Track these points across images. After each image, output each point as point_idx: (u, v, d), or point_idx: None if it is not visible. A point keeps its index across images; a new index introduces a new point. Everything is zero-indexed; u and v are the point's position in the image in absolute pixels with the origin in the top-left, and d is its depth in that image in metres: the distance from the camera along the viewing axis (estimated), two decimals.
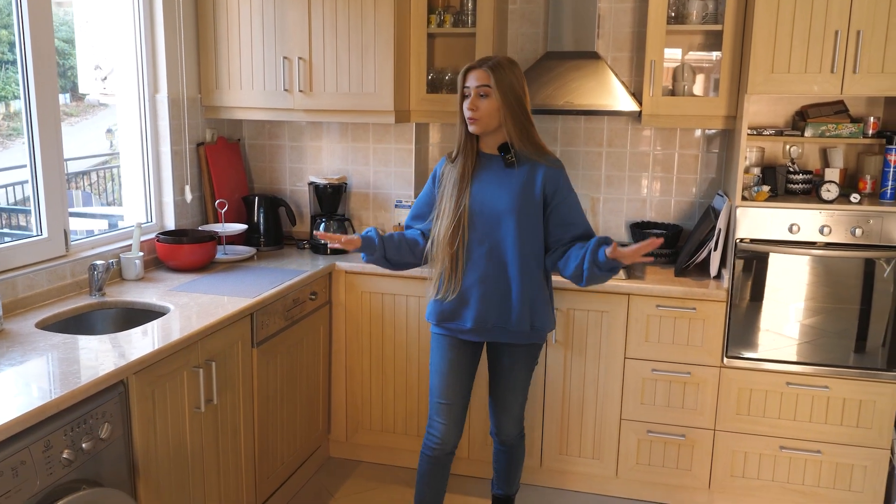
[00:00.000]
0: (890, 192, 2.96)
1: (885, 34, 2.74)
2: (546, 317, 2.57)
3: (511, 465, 2.84)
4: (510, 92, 2.41)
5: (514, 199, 2.46)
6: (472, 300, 2.52)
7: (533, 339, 2.60)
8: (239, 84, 3.46)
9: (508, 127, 2.44)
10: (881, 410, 2.94)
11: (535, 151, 2.48)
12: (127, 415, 2.08)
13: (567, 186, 2.51)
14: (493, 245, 2.49)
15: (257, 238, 3.63)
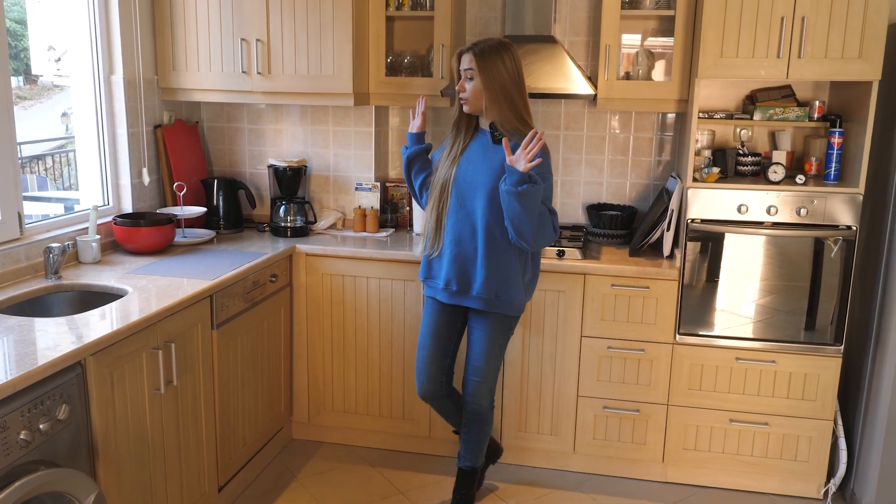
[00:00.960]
0: (833, 174, 3.06)
1: (828, 21, 2.83)
2: (514, 290, 2.70)
3: (480, 435, 2.91)
4: (494, 76, 2.57)
5: (490, 173, 2.62)
6: (445, 260, 2.74)
7: (498, 308, 2.70)
8: (196, 66, 3.44)
9: (489, 109, 2.61)
10: (825, 383, 3.06)
11: (518, 133, 2.59)
12: (85, 396, 2.09)
13: (542, 167, 2.55)
14: (467, 213, 2.68)
15: (217, 221, 3.62)
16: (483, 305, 2.72)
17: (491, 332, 2.76)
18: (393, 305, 3.32)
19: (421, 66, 3.58)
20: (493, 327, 2.75)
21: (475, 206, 2.66)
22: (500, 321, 2.75)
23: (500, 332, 2.77)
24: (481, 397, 2.83)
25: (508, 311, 2.74)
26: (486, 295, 2.69)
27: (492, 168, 2.64)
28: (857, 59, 2.84)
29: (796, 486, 3.19)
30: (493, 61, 2.58)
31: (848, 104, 3.10)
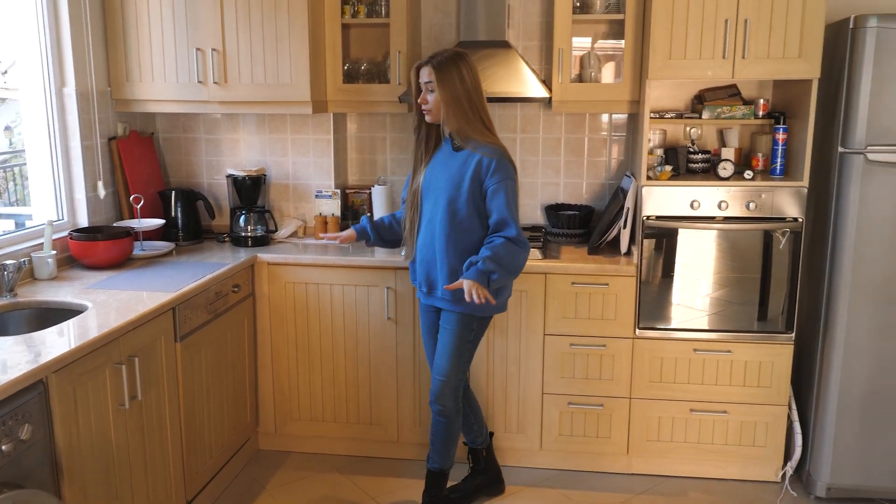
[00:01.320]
0: (779, 168, 3.18)
1: (769, 23, 2.94)
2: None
3: (447, 438, 2.92)
4: (451, 88, 2.65)
5: (449, 180, 2.72)
6: (417, 264, 2.86)
7: (463, 307, 2.74)
8: (151, 76, 3.42)
9: (446, 119, 2.68)
10: (779, 370, 3.17)
11: (474, 141, 2.68)
12: (48, 415, 2.06)
13: (499, 172, 2.66)
14: (430, 218, 2.78)
15: (175, 233, 3.60)
16: (448, 305, 2.78)
17: (452, 331, 2.80)
18: (357, 311, 3.33)
19: (378, 73, 3.61)
20: (455, 326, 2.80)
21: (436, 211, 2.75)
22: (462, 320, 2.79)
23: (461, 331, 2.80)
24: (444, 397, 2.85)
25: (472, 311, 2.77)
26: (449, 296, 2.74)
27: (450, 175, 2.72)
28: (798, 59, 2.95)
29: (755, 470, 3.29)
30: (450, 73, 2.65)
31: (790, 101, 3.22)
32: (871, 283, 2.94)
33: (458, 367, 2.85)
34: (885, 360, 2.98)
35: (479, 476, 3.17)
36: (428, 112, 2.72)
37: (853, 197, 2.91)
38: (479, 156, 2.67)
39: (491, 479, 3.19)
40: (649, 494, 3.22)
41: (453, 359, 2.83)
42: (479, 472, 3.17)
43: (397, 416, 3.41)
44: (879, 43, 2.77)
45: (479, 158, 2.67)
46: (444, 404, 2.86)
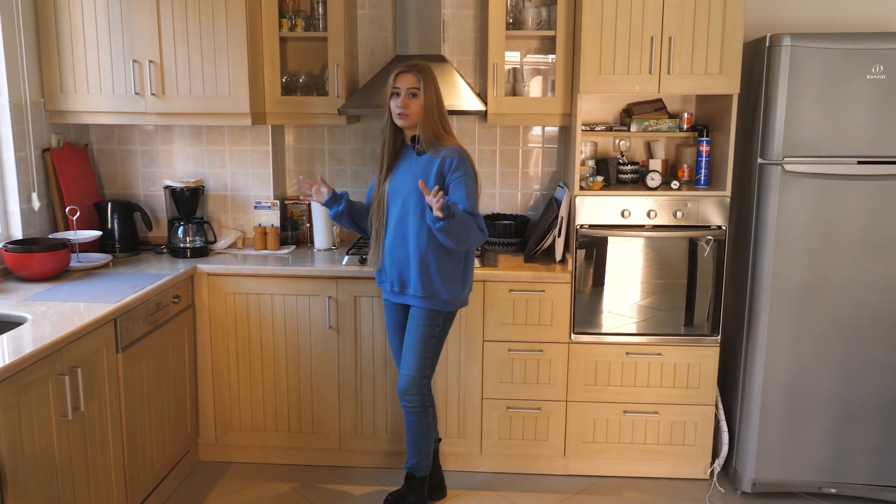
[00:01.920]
0: (703, 179, 3.36)
1: (691, 41, 3.12)
2: (447, 286, 2.88)
3: (417, 436, 3.01)
4: (432, 95, 2.83)
5: (415, 181, 2.82)
6: (385, 266, 2.95)
7: (433, 304, 2.88)
8: (86, 88, 3.39)
9: (425, 122, 2.82)
10: (706, 371, 3.33)
11: (439, 144, 2.84)
12: None
13: (460, 169, 2.82)
14: (400, 220, 2.88)
15: (112, 245, 3.56)
16: (420, 303, 2.90)
17: (418, 326, 2.91)
18: (298, 321, 3.36)
19: (316, 86, 3.66)
20: (421, 321, 2.91)
21: (405, 212, 2.87)
22: (428, 315, 2.91)
23: (426, 325, 2.91)
24: (409, 391, 2.94)
25: (440, 307, 2.90)
26: (421, 293, 2.88)
27: (415, 177, 2.84)
28: (719, 75, 3.13)
29: (685, 468, 3.44)
30: (430, 81, 2.83)
31: (713, 115, 3.40)
32: (789, 286, 3.12)
33: (423, 361, 2.93)
34: (804, 359, 3.17)
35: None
36: (405, 117, 2.82)
37: (772, 205, 3.09)
38: (444, 153, 2.83)
39: (433, 485, 3.24)
40: (585, 494, 3.33)
41: (418, 353, 2.92)
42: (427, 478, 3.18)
43: (339, 423, 3.44)
44: (793, 60, 2.97)
45: (442, 157, 2.83)
46: (411, 398, 2.95)
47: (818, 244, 3.08)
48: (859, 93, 2.96)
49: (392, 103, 2.85)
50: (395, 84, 2.84)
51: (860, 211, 3.04)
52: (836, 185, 3.03)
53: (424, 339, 2.93)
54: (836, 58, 2.94)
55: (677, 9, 3.09)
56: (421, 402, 2.97)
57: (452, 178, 2.81)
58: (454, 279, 2.91)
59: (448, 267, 2.89)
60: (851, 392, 3.16)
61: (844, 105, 2.98)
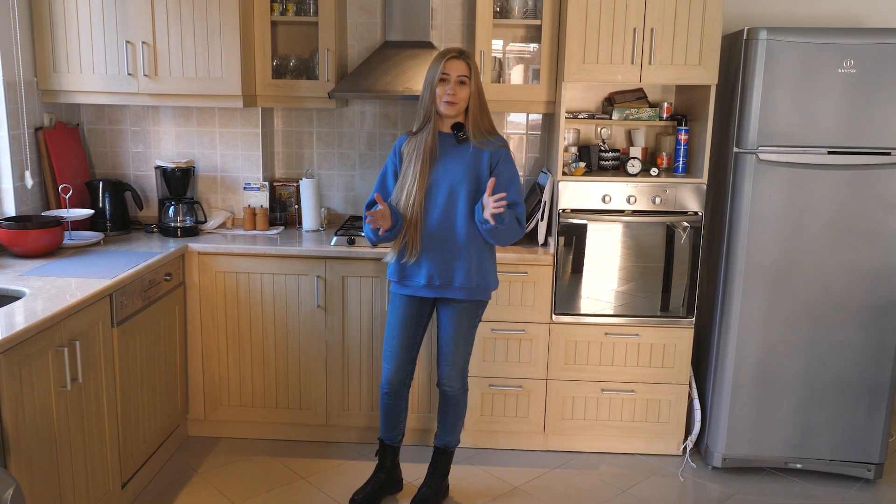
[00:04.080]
0: (681, 167, 3.48)
1: (672, 32, 3.22)
2: (489, 276, 2.96)
3: (454, 416, 3.09)
4: (478, 82, 2.84)
5: (465, 171, 2.84)
6: (424, 259, 2.88)
7: (477, 296, 2.93)
8: (79, 68, 3.43)
9: (475, 110, 2.83)
10: (680, 351, 3.46)
11: (488, 131, 2.88)
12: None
13: (508, 161, 2.87)
14: (445, 210, 2.85)
15: (103, 223, 3.61)
16: (466, 295, 2.91)
17: (461, 319, 2.94)
18: (287, 300, 3.44)
19: (306, 69, 3.72)
20: (464, 314, 2.94)
21: (456, 202, 2.84)
22: (470, 308, 2.95)
23: (469, 318, 2.96)
24: (453, 380, 3.01)
25: (484, 298, 2.98)
26: (468, 285, 2.89)
27: (464, 165, 2.84)
28: (698, 66, 3.25)
29: (659, 445, 3.58)
30: (476, 69, 2.84)
31: (691, 105, 3.52)
32: (761, 271, 3.26)
33: (466, 351, 3.02)
34: (773, 340, 3.31)
35: (382, 474, 3.16)
36: (453, 105, 2.79)
37: (746, 193, 3.22)
38: (492, 143, 2.85)
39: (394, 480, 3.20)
40: (564, 469, 3.45)
41: (463, 345, 2.98)
42: (386, 469, 3.17)
43: (326, 400, 3.54)
44: (769, 53, 3.09)
45: (488, 148, 2.84)
46: (453, 385, 3.02)
47: (790, 230, 3.21)
48: (831, 85, 3.09)
49: (439, 89, 2.79)
50: (444, 70, 2.78)
51: (830, 199, 3.18)
52: (808, 174, 3.16)
53: (470, 331, 2.98)
54: (809, 52, 3.07)
55: (659, 1, 3.20)
56: (464, 387, 3.06)
57: (502, 171, 2.83)
58: (494, 268, 3.00)
59: (493, 257, 2.99)
60: (818, 371, 3.31)
61: (817, 97, 3.11)
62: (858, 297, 3.23)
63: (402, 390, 3.07)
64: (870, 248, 3.19)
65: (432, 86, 2.81)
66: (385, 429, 3.14)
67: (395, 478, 3.22)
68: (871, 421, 3.32)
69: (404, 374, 3.05)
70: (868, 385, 3.29)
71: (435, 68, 2.80)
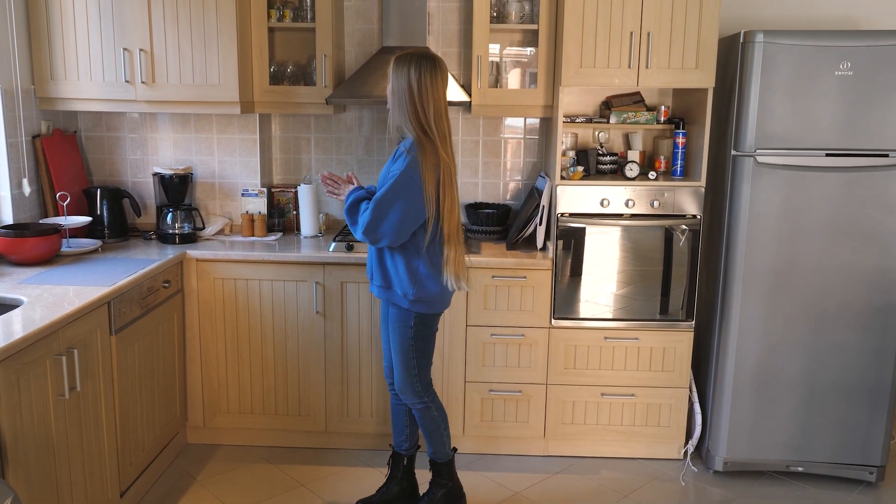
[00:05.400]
0: (679, 170, 3.48)
1: (669, 36, 3.23)
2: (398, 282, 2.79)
3: (423, 428, 2.99)
4: (396, 82, 2.70)
5: (384, 175, 2.81)
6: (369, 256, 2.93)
7: (389, 298, 2.85)
8: (76, 75, 3.43)
9: (391, 110, 2.76)
10: (681, 355, 3.46)
11: (406, 137, 2.76)
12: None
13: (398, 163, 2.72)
14: None
15: (101, 231, 3.61)
16: (378, 293, 2.90)
17: (392, 325, 2.88)
18: (286, 306, 3.44)
19: (303, 76, 3.72)
20: (393, 320, 2.87)
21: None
22: (398, 315, 2.84)
23: (397, 326, 2.85)
24: (404, 394, 2.93)
25: (400, 303, 2.82)
26: (379, 283, 2.86)
27: (386, 170, 2.82)
28: (695, 70, 3.25)
29: (660, 449, 3.57)
30: (402, 69, 2.69)
31: (689, 108, 3.52)
32: (760, 273, 3.25)
33: (405, 363, 2.88)
34: (773, 343, 3.30)
35: (394, 486, 3.11)
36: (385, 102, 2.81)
37: (745, 196, 3.21)
38: (402, 147, 2.75)
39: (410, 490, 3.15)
40: (564, 474, 3.44)
41: (399, 355, 2.89)
42: (396, 480, 3.12)
43: (325, 407, 3.53)
44: (766, 56, 3.09)
45: (399, 152, 2.76)
46: (406, 397, 2.95)
47: (788, 232, 3.21)
48: (828, 88, 3.09)
49: None
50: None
51: (828, 201, 3.17)
52: (806, 177, 3.16)
53: (402, 342, 2.87)
54: (806, 54, 3.07)
55: (655, 5, 3.20)
56: (417, 399, 2.93)
57: (390, 174, 2.73)
58: (404, 274, 2.78)
59: (398, 260, 2.79)
60: (818, 374, 3.30)
61: (814, 99, 3.11)
62: (858, 299, 3.23)
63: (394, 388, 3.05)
64: (868, 250, 3.19)
65: None
66: (393, 432, 3.13)
67: (407, 489, 3.13)
68: (873, 423, 3.31)
69: (389, 371, 3.04)
70: (869, 387, 3.29)
71: None
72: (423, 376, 2.93)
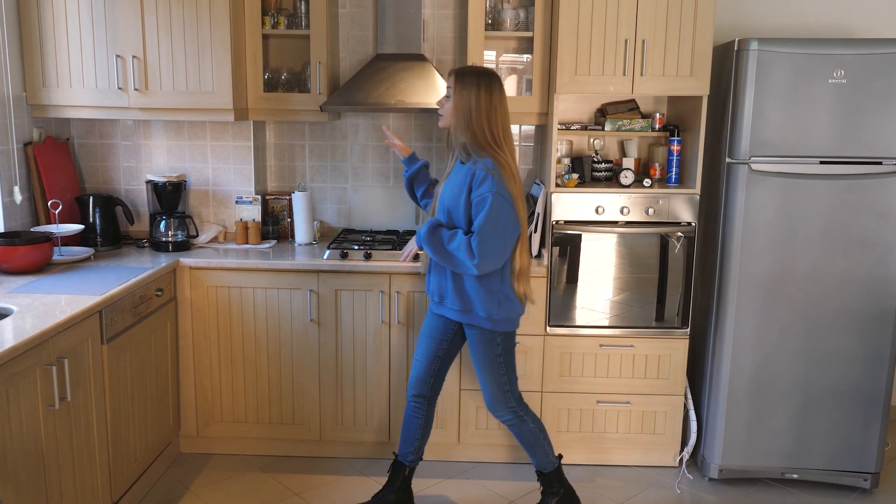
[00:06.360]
0: (674, 177, 3.47)
1: (664, 44, 3.23)
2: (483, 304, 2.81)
3: (523, 443, 3.04)
4: (465, 98, 2.72)
5: (453, 191, 2.79)
6: (430, 273, 2.97)
7: (472, 321, 2.85)
8: (69, 82, 3.41)
9: (455, 126, 2.78)
10: (676, 362, 3.45)
11: (479, 151, 2.75)
12: None
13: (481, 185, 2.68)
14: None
15: (93, 239, 3.58)
16: (456, 316, 2.89)
17: (477, 348, 2.90)
18: (280, 314, 3.42)
19: (297, 83, 3.71)
20: (478, 342, 2.88)
21: (445, 224, 2.85)
22: (482, 336, 2.86)
23: (485, 347, 2.88)
24: (493, 408, 2.97)
25: (484, 325, 2.84)
26: (457, 306, 2.85)
27: (452, 188, 2.80)
28: (689, 77, 3.25)
29: (656, 456, 3.56)
30: (469, 85, 2.73)
31: (683, 116, 3.52)
32: (755, 280, 3.25)
33: (495, 380, 2.92)
34: (768, 350, 3.30)
35: (390, 493, 3.09)
36: (440, 117, 2.85)
37: (739, 203, 3.21)
38: (476, 168, 2.72)
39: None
40: None
41: (486, 374, 2.91)
42: (393, 488, 3.10)
43: (320, 415, 3.51)
44: (760, 64, 3.09)
45: (475, 170, 2.71)
46: (497, 412, 2.98)
47: (782, 240, 3.21)
48: (822, 96, 3.09)
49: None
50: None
51: (822, 208, 3.17)
52: (800, 184, 3.16)
53: (489, 360, 2.89)
54: (800, 62, 3.07)
55: (650, 13, 3.20)
56: (512, 415, 2.97)
57: (475, 196, 2.69)
58: (488, 295, 2.80)
59: (483, 283, 2.79)
60: (813, 381, 3.30)
61: (808, 107, 3.11)
62: (853, 306, 3.23)
63: (420, 400, 3.05)
64: (863, 257, 3.19)
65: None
66: (401, 442, 3.11)
67: (402, 499, 3.12)
68: (868, 430, 3.31)
69: (423, 384, 3.03)
70: (864, 394, 3.28)
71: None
72: (514, 390, 2.97)
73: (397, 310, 3.39)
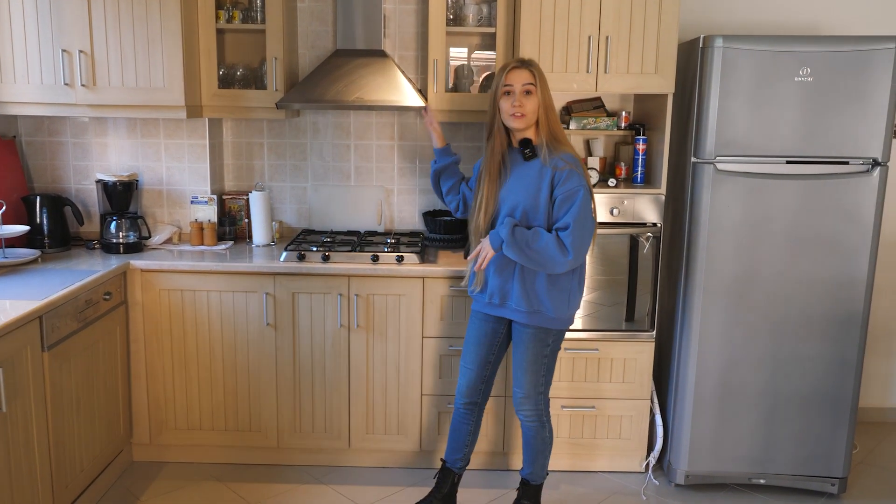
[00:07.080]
0: (640, 177, 3.41)
1: (628, 40, 3.16)
2: (553, 303, 2.77)
3: (532, 449, 2.96)
4: (548, 92, 2.71)
5: (527, 190, 2.71)
6: (488, 277, 2.83)
7: (536, 321, 2.78)
8: (12, 77, 3.28)
9: (544, 124, 2.71)
10: (642, 366, 3.38)
11: (558, 146, 2.71)
12: None
13: (570, 180, 2.65)
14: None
15: (41, 240, 3.45)
16: (521, 318, 2.80)
17: (527, 345, 2.82)
18: (235, 317, 3.31)
19: (254, 79, 3.60)
20: (530, 340, 2.81)
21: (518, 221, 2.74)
22: (536, 334, 2.81)
23: (536, 345, 2.82)
24: (523, 406, 2.89)
25: (547, 325, 2.80)
26: (523, 308, 2.77)
27: (526, 185, 2.72)
28: (654, 74, 3.18)
29: (622, 462, 3.49)
30: (544, 77, 2.71)
31: (649, 114, 3.46)
32: (721, 282, 3.19)
33: (538, 381, 2.86)
34: (734, 354, 3.24)
35: (436, 501, 3.06)
36: (521, 117, 2.69)
37: (705, 203, 3.15)
38: (557, 166, 2.66)
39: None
40: None
41: (531, 374, 2.84)
42: (441, 495, 3.06)
43: (277, 421, 3.40)
44: (725, 61, 3.03)
45: (554, 166, 2.66)
46: (526, 415, 2.90)
47: (748, 241, 3.15)
48: (788, 94, 3.04)
49: (503, 103, 2.70)
50: (507, 81, 2.69)
51: (789, 208, 3.12)
52: (766, 184, 3.11)
53: (538, 359, 2.83)
54: (765, 59, 3.02)
55: (614, 9, 3.13)
56: (538, 418, 2.91)
57: (561, 192, 2.65)
58: (562, 294, 2.77)
59: (559, 282, 2.76)
60: (780, 385, 3.25)
61: (774, 106, 3.05)
62: (819, 309, 3.18)
63: (471, 407, 2.99)
64: (829, 259, 3.14)
65: (495, 99, 2.74)
66: (448, 448, 3.05)
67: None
68: (835, 435, 3.26)
69: (476, 392, 2.97)
70: (831, 398, 3.24)
71: (497, 80, 2.73)
72: (546, 393, 2.92)
73: (356, 313, 3.30)
